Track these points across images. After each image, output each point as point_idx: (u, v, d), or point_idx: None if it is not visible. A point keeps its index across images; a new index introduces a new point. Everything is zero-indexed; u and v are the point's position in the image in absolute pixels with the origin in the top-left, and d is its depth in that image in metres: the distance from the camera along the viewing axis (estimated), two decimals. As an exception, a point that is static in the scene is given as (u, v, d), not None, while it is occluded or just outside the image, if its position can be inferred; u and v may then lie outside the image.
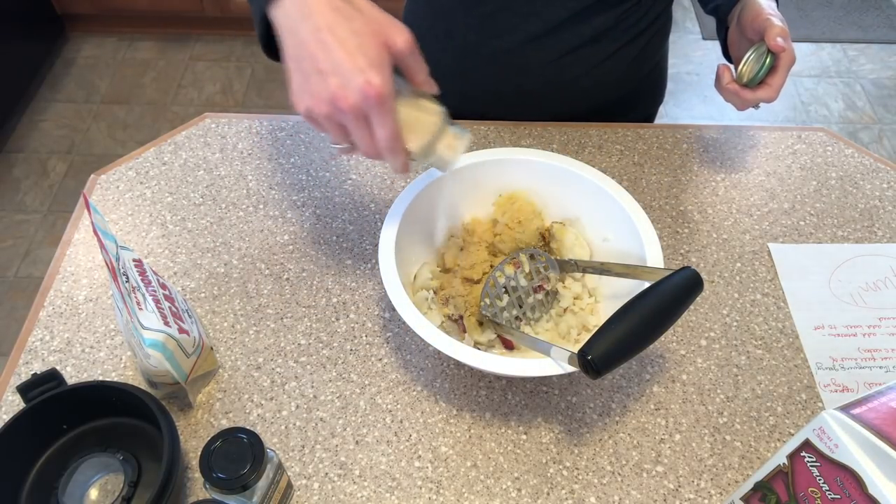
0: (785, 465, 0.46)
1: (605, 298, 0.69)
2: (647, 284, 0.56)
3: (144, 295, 0.60)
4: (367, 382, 0.67)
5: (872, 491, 0.39)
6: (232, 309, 0.72)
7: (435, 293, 0.68)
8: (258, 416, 0.65)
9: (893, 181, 0.85)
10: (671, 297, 0.54)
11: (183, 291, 0.73)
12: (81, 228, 0.78)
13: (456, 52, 0.85)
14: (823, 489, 0.43)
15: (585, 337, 0.58)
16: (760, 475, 0.49)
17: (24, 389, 0.58)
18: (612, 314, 0.53)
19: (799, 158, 0.87)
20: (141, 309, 0.58)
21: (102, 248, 0.54)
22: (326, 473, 0.61)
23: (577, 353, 0.51)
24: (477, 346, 0.66)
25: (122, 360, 0.68)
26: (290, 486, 0.58)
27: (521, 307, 0.67)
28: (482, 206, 0.73)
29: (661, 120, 1.06)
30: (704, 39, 2.46)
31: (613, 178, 0.69)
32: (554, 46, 0.82)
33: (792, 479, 0.46)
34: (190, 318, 0.64)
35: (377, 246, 0.70)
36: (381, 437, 0.63)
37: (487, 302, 0.66)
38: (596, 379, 0.57)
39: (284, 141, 0.87)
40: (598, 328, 0.52)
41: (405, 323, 0.58)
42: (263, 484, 0.52)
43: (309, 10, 0.50)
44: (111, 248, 0.56)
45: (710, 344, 0.70)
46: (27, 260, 1.82)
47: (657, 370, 0.68)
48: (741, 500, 0.53)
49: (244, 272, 0.75)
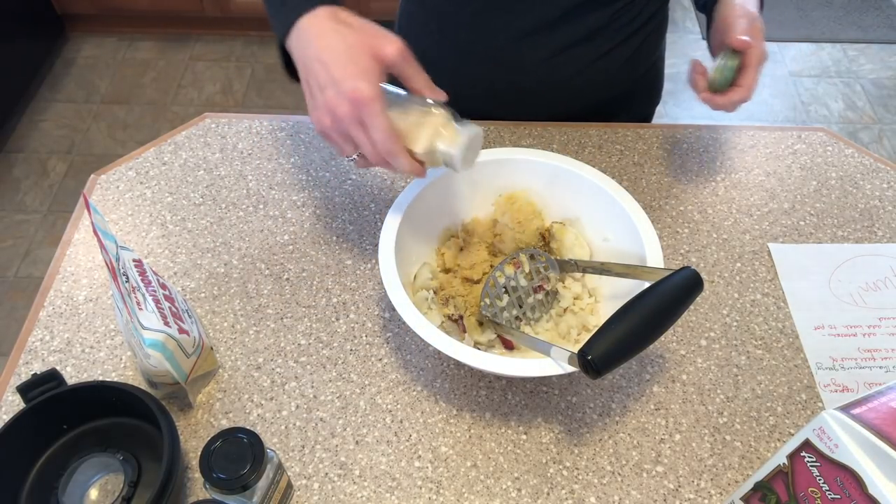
0: (785, 465, 0.46)
1: (605, 298, 0.69)
2: (647, 284, 0.56)
3: (144, 295, 0.60)
4: (367, 382, 0.67)
5: (872, 491, 0.39)
6: (232, 309, 0.72)
7: (435, 293, 0.68)
8: (258, 416, 0.65)
9: (893, 181, 0.85)
10: (671, 297, 0.54)
11: (183, 291, 0.73)
12: (81, 228, 0.78)
13: (449, 50, 0.85)
14: (823, 489, 0.43)
15: (585, 337, 0.58)
16: (760, 475, 0.49)
17: (24, 389, 0.58)
18: (612, 314, 0.53)
19: (799, 158, 0.87)
20: (141, 309, 0.58)
21: (102, 248, 0.54)
22: (326, 473, 0.61)
23: (577, 353, 0.52)
24: (477, 346, 0.66)
25: (122, 360, 0.68)
26: (290, 486, 0.58)
27: (521, 307, 0.67)
28: (482, 206, 0.73)
29: (661, 120, 1.06)
30: (704, 39, 2.46)
31: (613, 178, 0.69)
32: (547, 45, 0.82)
33: (792, 479, 0.46)
34: (190, 318, 0.64)
35: (377, 246, 0.70)
36: (381, 437, 0.63)
37: (487, 302, 0.66)
38: (596, 379, 0.57)
39: (284, 141, 0.87)
40: (598, 328, 0.52)
41: (405, 323, 0.58)
42: (263, 484, 0.52)
43: (308, 36, 0.57)
44: (111, 248, 0.56)
45: (710, 344, 0.70)
46: (27, 260, 1.82)
47: (657, 370, 0.68)
48: (741, 500, 0.53)
49: (244, 272, 0.75)
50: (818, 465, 0.43)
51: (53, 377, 0.59)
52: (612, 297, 0.68)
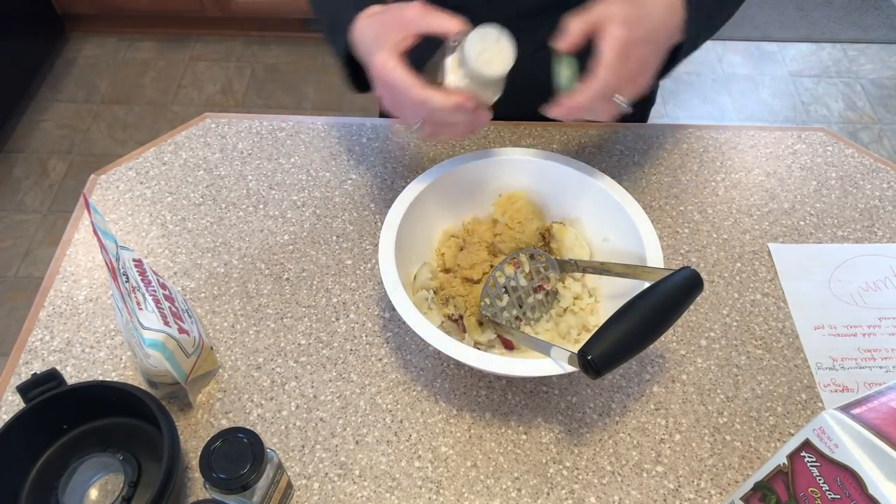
0: (785, 465, 0.46)
1: (605, 298, 0.69)
2: (647, 284, 0.56)
3: (144, 295, 0.60)
4: (367, 382, 0.67)
5: (872, 491, 0.39)
6: (232, 309, 0.72)
7: (435, 293, 0.68)
8: (258, 416, 0.65)
9: (893, 181, 0.85)
10: (671, 297, 0.54)
11: (183, 291, 0.73)
12: (81, 228, 0.78)
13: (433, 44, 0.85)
14: (823, 489, 0.43)
15: (585, 337, 0.58)
16: (760, 475, 0.49)
17: (24, 389, 0.58)
18: (612, 314, 0.53)
19: (799, 158, 0.87)
20: (141, 309, 0.58)
21: (102, 248, 0.54)
22: (326, 473, 0.61)
23: (577, 353, 0.51)
24: (477, 346, 0.66)
25: (122, 360, 0.68)
26: (290, 486, 0.58)
27: (521, 307, 0.67)
28: (482, 206, 0.73)
29: (661, 120, 1.06)
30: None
31: (613, 178, 0.69)
32: (531, 39, 0.81)
33: (792, 479, 0.46)
34: (190, 318, 0.64)
35: (377, 246, 0.70)
36: (381, 437, 0.63)
37: (487, 302, 0.66)
38: (596, 379, 0.57)
39: (284, 141, 0.87)
40: (598, 328, 0.52)
41: (405, 323, 0.58)
42: (263, 484, 0.52)
43: (357, 45, 0.63)
44: (111, 248, 0.56)
45: (710, 344, 0.70)
46: (27, 260, 1.82)
47: (657, 370, 0.68)
48: (741, 500, 0.53)
49: (244, 272, 0.75)
50: (818, 465, 0.43)
51: (53, 377, 0.59)
52: (612, 297, 0.68)
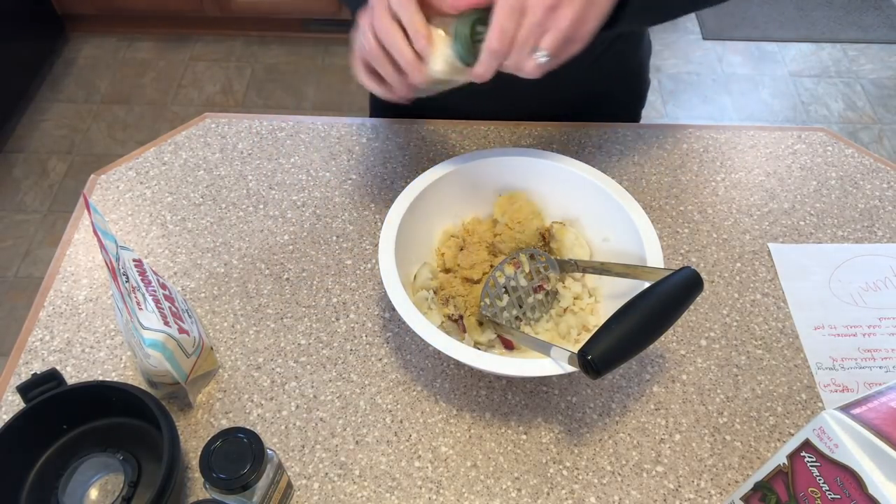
0: (785, 465, 0.46)
1: (605, 298, 0.69)
2: (647, 284, 0.56)
3: (144, 295, 0.60)
4: (367, 382, 0.67)
5: (872, 491, 0.39)
6: (232, 309, 0.72)
7: (435, 293, 0.68)
8: (258, 416, 0.65)
9: (893, 181, 0.85)
10: (671, 297, 0.54)
11: (183, 291, 0.73)
12: (81, 228, 0.78)
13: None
14: (823, 489, 0.43)
15: (585, 337, 0.58)
16: (760, 475, 0.49)
17: (24, 389, 0.58)
18: (612, 314, 0.53)
19: (799, 158, 0.87)
20: (141, 309, 0.58)
21: (102, 248, 0.54)
22: (326, 473, 0.61)
23: (577, 353, 0.51)
24: (477, 346, 0.66)
25: (122, 360, 0.68)
26: (290, 486, 0.58)
27: (521, 307, 0.67)
28: (482, 206, 0.73)
29: (661, 120, 1.06)
30: (704, 39, 2.47)
31: (613, 178, 0.69)
32: None
33: (792, 479, 0.46)
34: (190, 318, 0.64)
35: (377, 246, 0.70)
36: (381, 437, 0.63)
37: (487, 302, 0.66)
38: (596, 379, 0.57)
39: (284, 141, 0.87)
40: (598, 328, 0.52)
41: (405, 323, 0.58)
42: (263, 484, 0.52)
43: None
44: (111, 248, 0.56)
45: (710, 344, 0.70)
46: (27, 260, 1.82)
47: (657, 370, 0.68)
48: (741, 500, 0.53)
49: (244, 272, 0.75)
50: (818, 465, 0.43)
51: (53, 377, 0.59)
52: (612, 297, 0.68)
